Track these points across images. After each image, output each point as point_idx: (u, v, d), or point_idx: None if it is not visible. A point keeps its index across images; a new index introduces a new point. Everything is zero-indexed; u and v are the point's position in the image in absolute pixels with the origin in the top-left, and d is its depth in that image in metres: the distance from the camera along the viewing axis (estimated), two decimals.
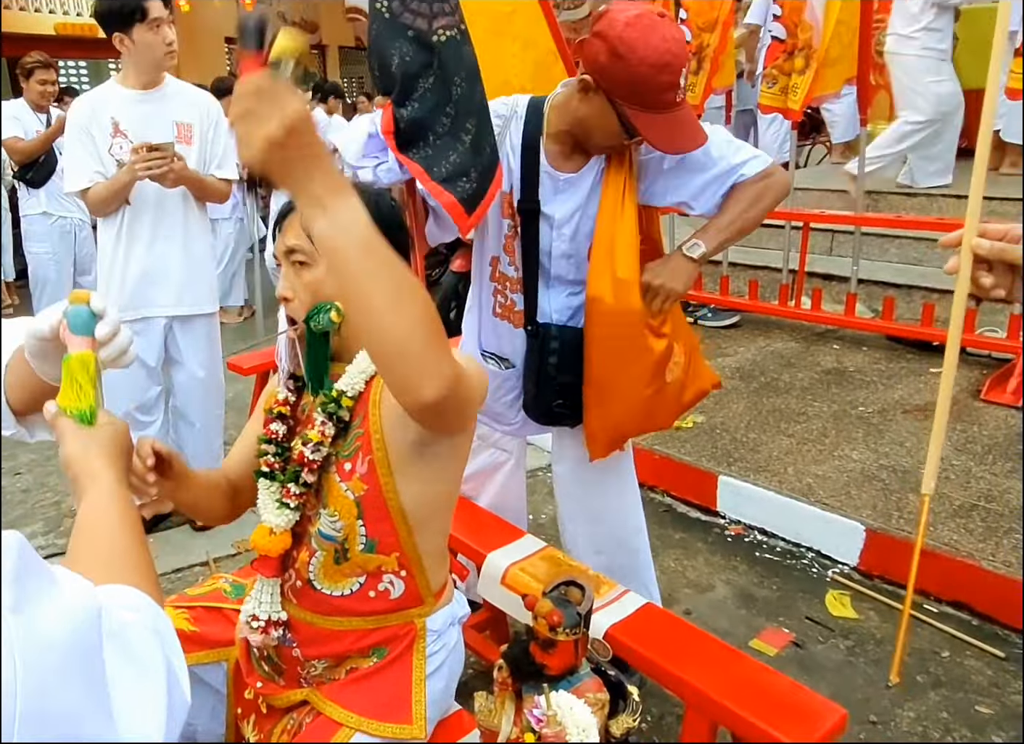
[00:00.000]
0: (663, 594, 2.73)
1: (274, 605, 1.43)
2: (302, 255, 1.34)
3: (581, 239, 1.94)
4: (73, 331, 1.04)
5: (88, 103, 2.91)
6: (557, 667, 1.15)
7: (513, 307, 2.04)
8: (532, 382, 2.04)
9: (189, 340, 3.13)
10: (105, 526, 0.92)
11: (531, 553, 2.06)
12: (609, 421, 2.03)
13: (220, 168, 3.04)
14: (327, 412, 1.35)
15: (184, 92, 3.01)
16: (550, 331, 1.99)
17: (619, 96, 1.73)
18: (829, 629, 2.59)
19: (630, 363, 1.96)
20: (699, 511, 3.34)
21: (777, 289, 4.92)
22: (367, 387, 1.36)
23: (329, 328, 1.31)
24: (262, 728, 1.52)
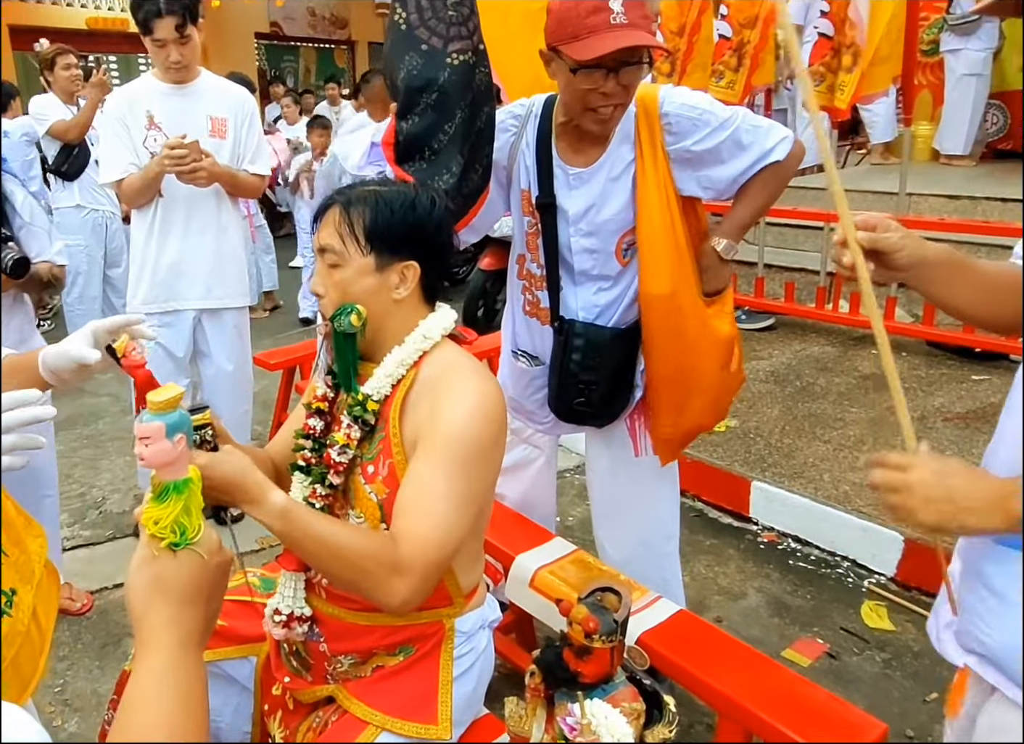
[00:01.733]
0: (693, 600, 2.71)
1: (297, 600, 1.43)
2: (333, 256, 1.34)
3: (605, 234, 1.92)
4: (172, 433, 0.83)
5: (124, 96, 2.95)
6: (592, 675, 1.13)
7: (539, 304, 2.04)
8: (555, 379, 2.03)
9: (218, 334, 3.14)
10: (154, 716, 0.75)
11: (561, 556, 2.04)
12: (687, 417, 2.02)
13: (253, 163, 3.06)
14: (353, 415, 1.35)
15: (219, 86, 3.04)
16: (574, 328, 1.97)
17: (557, 41, 1.71)
18: (864, 641, 2.54)
19: (704, 353, 1.96)
20: (731, 517, 3.30)
21: (814, 292, 4.85)
22: (394, 390, 1.36)
23: (350, 330, 1.32)
24: (288, 724, 1.52)
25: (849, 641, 2.55)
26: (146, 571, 0.81)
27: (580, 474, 3.65)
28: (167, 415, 0.82)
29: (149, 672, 0.77)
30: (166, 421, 0.81)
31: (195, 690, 0.78)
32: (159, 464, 0.81)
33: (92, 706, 2.33)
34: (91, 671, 2.48)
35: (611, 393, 2.01)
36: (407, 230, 1.35)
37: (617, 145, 1.88)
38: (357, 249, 1.33)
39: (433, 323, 1.38)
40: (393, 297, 1.35)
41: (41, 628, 1.40)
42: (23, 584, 1.37)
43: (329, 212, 1.37)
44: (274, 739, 1.55)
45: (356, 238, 1.32)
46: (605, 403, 2.01)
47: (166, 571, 0.81)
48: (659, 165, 1.85)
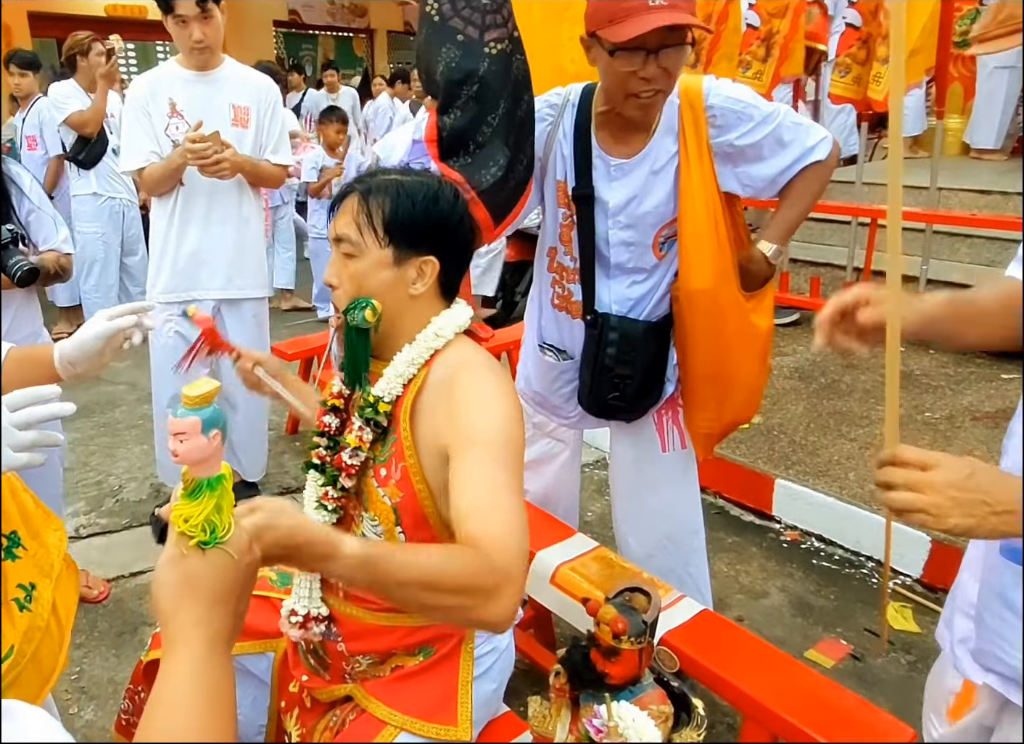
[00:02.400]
0: (715, 599, 2.68)
1: (313, 600, 1.41)
2: (349, 246, 1.30)
3: (644, 227, 1.89)
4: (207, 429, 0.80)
5: (147, 82, 2.93)
6: (619, 676, 1.11)
7: (571, 298, 2.01)
8: (588, 373, 2.00)
9: (237, 324, 3.12)
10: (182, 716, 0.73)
11: (583, 553, 2.03)
12: (729, 411, 2.02)
13: (275, 153, 3.03)
14: (364, 417, 1.31)
15: (242, 74, 3.00)
16: (609, 321, 1.95)
17: (596, 26, 1.69)
18: (889, 642, 2.51)
19: (744, 347, 1.95)
20: (753, 515, 3.26)
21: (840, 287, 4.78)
22: (404, 390, 1.32)
23: (364, 325, 1.27)
24: (305, 723, 1.51)
25: (873, 643, 2.51)
26: (175, 570, 0.79)
27: (599, 469, 3.63)
28: (202, 410, 0.79)
29: (177, 672, 0.75)
30: (201, 416, 0.78)
31: (223, 690, 0.77)
32: (193, 460, 0.79)
33: (108, 694, 2.34)
34: (107, 659, 2.48)
35: (645, 387, 1.99)
36: (428, 224, 1.30)
37: (661, 136, 1.84)
38: (375, 241, 1.28)
39: (446, 320, 1.33)
40: (410, 292, 1.31)
41: (60, 622, 1.40)
42: (42, 578, 1.38)
43: (347, 200, 1.33)
44: (290, 736, 1.53)
45: (374, 229, 1.28)
46: (639, 397, 2.00)
47: (196, 570, 0.79)
48: (703, 158, 1.82)
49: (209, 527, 0.79)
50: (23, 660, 1.30)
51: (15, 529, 1.35)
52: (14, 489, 1.38)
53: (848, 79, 4.51)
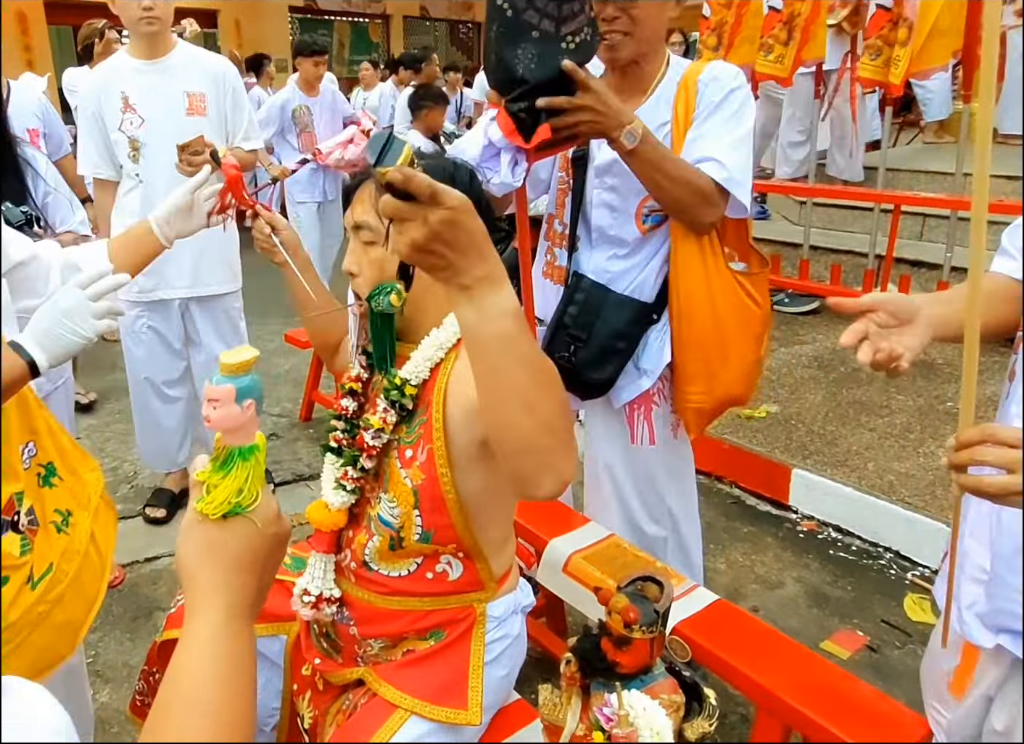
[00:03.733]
0: (729, 588, 2.68)
1: (327, 582, 1.43)
2: (369, 233, 1.30)
3: (627, 193, 1.90)
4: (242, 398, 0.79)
5: (99, 78, 2.81)
6: (630, 665, 1.10)
7: (555, 262, 2.05)
8: (549, 330, 2.03)
9: (208, 321, 3.07)
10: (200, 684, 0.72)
11: (596, 541, 2.02)
12: (720, 385, 2.00)
13: (247, 140, 2.93)
14: (390, 399, 1.32)
15: (195, 60, 2.85)
16: (580, 283, 1.98)
17: None
18: (907, 634, 2.50)
19: (737, 323, 1.95)
20: (770, 504, 3.25)
21: (861, 275, 4.75)
22: (432, 374, 1.33)
23: (389, 310, 1.28)
24: (318, 705, 1.53)
25: (891, 634, 2.50)
26: (196, 535, 0.78)
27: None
28: (239, 378, 0.78)
29: (195, 638, 0.74)
30: (237, 384, 0.78)
31: (242, 658, 0.75)
32: (225, 428, 0.79)
33: (123, 677, 2.36)
34: (122, 643, 2.51)
35: (599, 358, 1.97)
36: None
37: (654, 103, 1.88)
38: None
39: None
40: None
41: (101, 553, 1.50)
42: (80, 509, 1.48)
43: (363, 188, 1.33)
44: (303, 719, 1.55)
45: None
46: (589, 366, 1.98)
47: (216, 536, 0.78)
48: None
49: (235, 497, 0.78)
50: (65, 579, 1.39)
51: (52, 460, 1.43)
52: (52, 428, 1.45)
53: (879, 61, 4.44)
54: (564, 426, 0.98)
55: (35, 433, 1.40)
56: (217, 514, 0.77)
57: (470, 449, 1.29)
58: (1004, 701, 1.29)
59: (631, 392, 2.03)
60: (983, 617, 1.25)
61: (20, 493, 1.34)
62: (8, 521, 1.33)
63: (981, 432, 0.97)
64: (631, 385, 2.02)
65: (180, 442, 3.25)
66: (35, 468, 1.39)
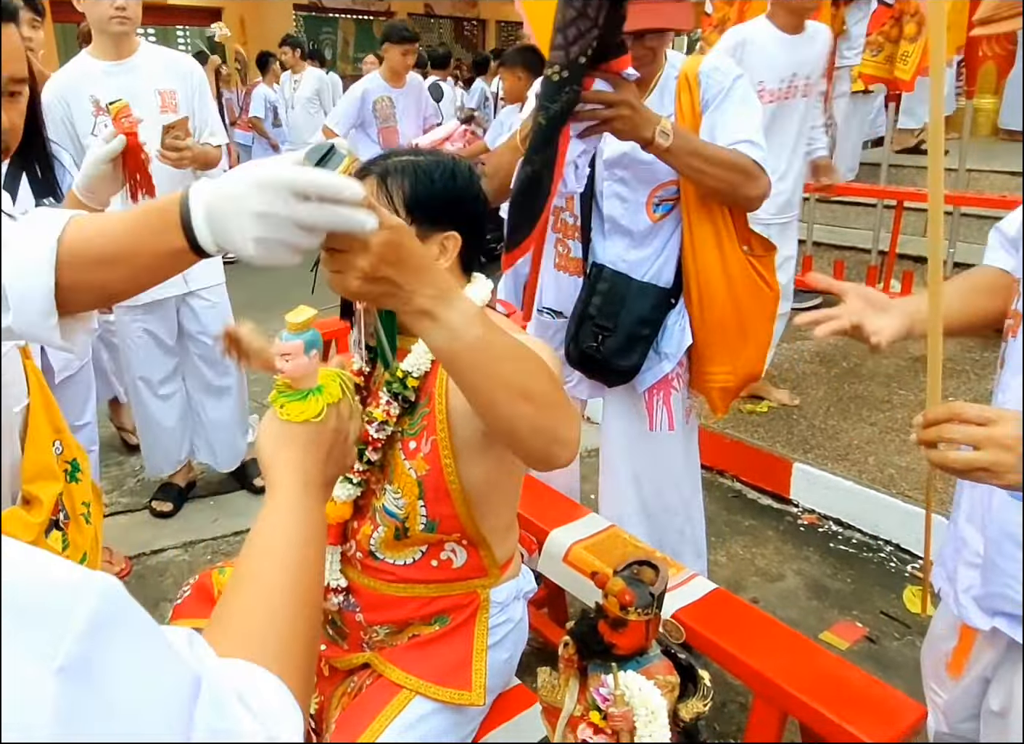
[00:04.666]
0: (730, 581, 2.71)
1: (333, 572, 1.46)
2: None
3: (636, 184, 1.99)
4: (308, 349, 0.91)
5: (63, 84, 2.74)
6: (626, 647, 1.14)
7: (569, 254, 2.10)
8: (574, 322, 2.09)
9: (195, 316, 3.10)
10: (280, 544, 0.81)
11: (596, 532, 2.05)
12: (744, 363, 2.08)
13: (213, 135, 2.93)
14: (392, 392, 1.35)
15: (161, 58, 2.84)
16: (602, 273, 2.04)
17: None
18: (906, 626, 2.52)
19: (754, 303, 2.03)
20: (771, 498, 3.28)
21: (864, 271, 4.77)
22: (433, 366, 1.36)
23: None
24: (323, 690, 1.56)
25: (890, 626, 2.53)
26: (272, 426, 0.91)
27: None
28: (304, 334, 0.91)
29: (275, 507, 0.85)
30: (304, 339, 0.91)
31: (317, 526, 0.86)
32: (297, 376, 0.91)
33: None
34: None
35: (625, 346, 2.04)
36: (448, 199, 1.33)
37: (658, 96, 1.97)
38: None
39: (471, 295, 1.36)
40: None
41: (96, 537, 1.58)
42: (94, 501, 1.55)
43: (366, 184, 1.34)
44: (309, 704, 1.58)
45: (396, 209, 1.30)
46: (617, 354, 2.04)
47: (289, 427, 0.90)
48: (698, 124, 1.93)
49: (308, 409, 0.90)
50: (96, 567, 1.47)
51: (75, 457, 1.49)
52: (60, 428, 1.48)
53: (880, 58, 4.45)
54: (559, 398, 1.02)
55: (59, 431, 1.45)
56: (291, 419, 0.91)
57: (473, 439, 1.31)
58: (1000, 682, 1.32)
59: (653, 376, 2.10)
60: (979, 600, 1.29)
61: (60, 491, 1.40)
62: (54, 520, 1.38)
63: (948, 410, 1.02)
64: (653, 369, 2.09)
65: (180, 440, 3.28)
66: (62, 465, 1.43)
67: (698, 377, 2.12)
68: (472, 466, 1.34)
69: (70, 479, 1.45)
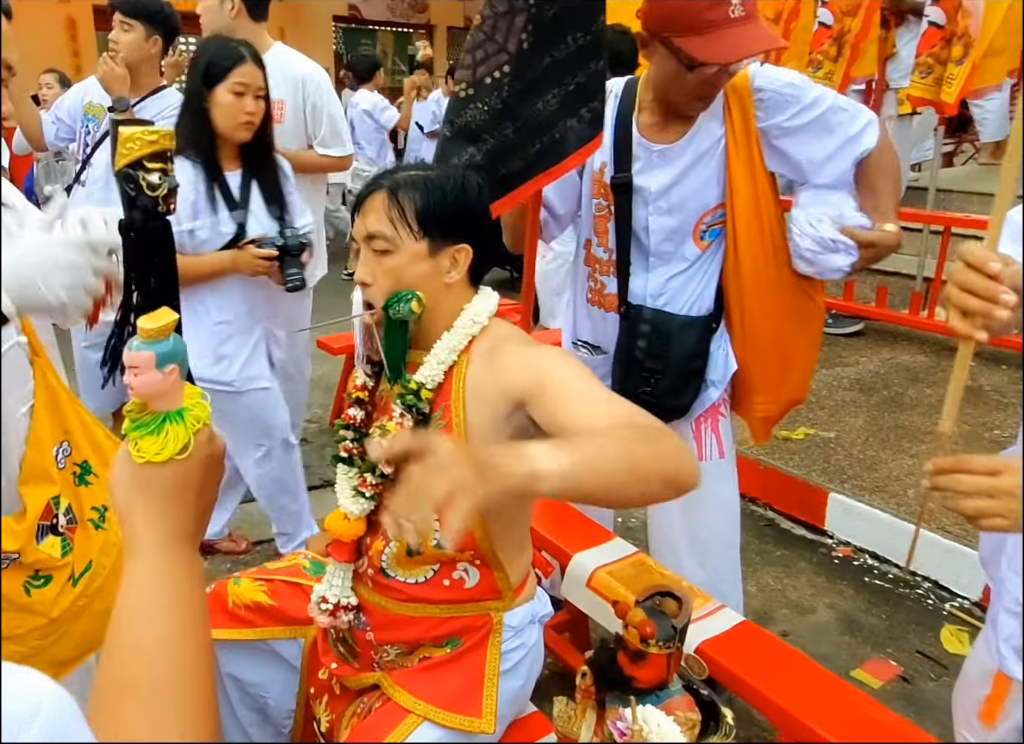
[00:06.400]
0: (759, 612, 2.66)
1: (344, 590, 1.45)
2: (384, 242, 1.32)
3: (685, 213, 1.92)
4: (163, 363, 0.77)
5: None
6: (646, 680, 1.11)
7: (603, 290, 2.05)
8: (620, 366, 2.03)
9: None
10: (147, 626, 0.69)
11: (620, 557, 2.02)
12: (786, 390, 2.05)
13: (323, 145, 3.04)
14: (406, 404, 1.34)
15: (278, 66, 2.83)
16: (642, 313, 1.98)
17: (670, 32, 1.69)
18: (942, 666, 2.45)
19: (801, 327, 1.99)
20: (804, 528, 3.21)
21: (908, 297, 4.69)
22: (447, 377, 1.35)
23: (409, 317, 1.32)
24: (335, 709, 1.55)
25: (925, 665, 2.46)
26: (127, 467, 0.76)
27: None
28: (158, 344, 0.77)
29: (136, 577, 0.72)
30: (157, 350, 0.76)
31: (187, 592, 0.72)
32: (149, 395, 0.77)
33: None
34: None
35: (678, 384, 1.99)
36: (459, 213, 1.35)
37: (706, 121, 1.88)
38: (410, 234, 1.32)
39: (480, 306, 1.38)
40: (444, 281, 1.35)
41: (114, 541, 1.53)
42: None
43: (374, 198, 1.35)
44: (319, 722, 1.57)
45: (408, 223, 1.32)
46: (671, 394, 1.99)
47: (147, 470, 0.75)
48: (751, 142, 1.86)
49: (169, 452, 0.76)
50: (103, 572, 1.44)
51: (86, 458, 1.46)
52: (86, 423, 1.48)
53: (929, 80, 4.40)
54: (664, 445, 1.05)
55: (68, 432, 1.43)
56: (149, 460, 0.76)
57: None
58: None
59: (701, 405, 2.05)
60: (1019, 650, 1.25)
61: (57, 497, 1.37)
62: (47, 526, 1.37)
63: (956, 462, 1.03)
64: (700, 398, 2.04)
65: None
66: (70, 467, 1.42)
67: (739, 403, 2.07)
68: None
69: (79, 482, 1.44)
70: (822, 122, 1.84)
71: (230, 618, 1.57)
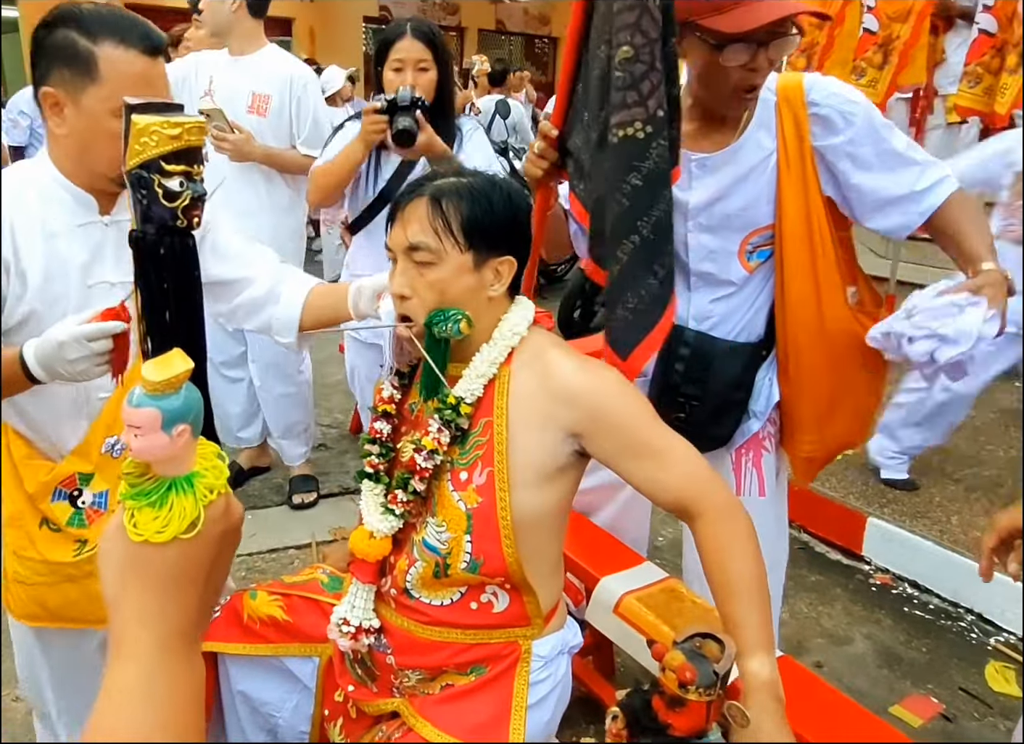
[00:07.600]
0: (792, 641, 2.58)
1: (367, 612, 1.40)
2: (428, 254, 1.27)
3: (728, 232, 1.78)
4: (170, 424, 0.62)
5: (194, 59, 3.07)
6: (683, 729, 1.04)
7: None
8: (656, 389, 1.90)
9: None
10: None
11: (650, 583, 1.95)
12: (832, 434, 1.89)
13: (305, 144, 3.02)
14: (444, 419, 1.30)
15: (271, 62, 3.02)
16: (683, 336, 1.84)
17: (696, 16, 1.58)
18: (987, 705, 2.36)
19: (852, 366, 1.81)
20: (840, 553, 3.13)
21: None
22: (486, 391, 1.31)
23: (456, 337, 1.27)
24: (350, 733, 1.50)
25: (969, 704, 2.37)
26: (120, 544, 0.62)
27: None
28: (165, 398, 0.61)
29: (119, 683, 0.60)
30: (163, 406, 0.61)
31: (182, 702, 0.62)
32: (151, 460, 0.63)
33: None
34: None
35: (717, 414, 1.86)
36: (506, 224, 1.30)
37: (755, 130, 1.73)
38: (455, 246, 1.26)
39: (518, 317, 1.35)
40: (488, 294, 1.31)
41: None
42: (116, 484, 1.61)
43: (416, 206, 1.29)
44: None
45: (453, 234, 1.26)
46: (709, 423, 1.87)
47: (145, 550, 0.62)
48: (806, 160, 1.71)
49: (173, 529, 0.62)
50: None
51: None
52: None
53: (978, 90, 4.30)
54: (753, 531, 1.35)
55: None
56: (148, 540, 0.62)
57: (531, 472, 1.29)
58: None
59: (741, 435, 1.91)
60: None
61: (89, 475, 1.49)
62: (67, 492, 1.50)
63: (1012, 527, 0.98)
64: (740, 427, 1.90)
65: (244, 423, 3.39)
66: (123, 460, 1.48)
67: (786, 438, 1.94)
68: (527, 500, 1.29)
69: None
70: (885, 158, 1.69)
71: (244, 632, 1.53)
